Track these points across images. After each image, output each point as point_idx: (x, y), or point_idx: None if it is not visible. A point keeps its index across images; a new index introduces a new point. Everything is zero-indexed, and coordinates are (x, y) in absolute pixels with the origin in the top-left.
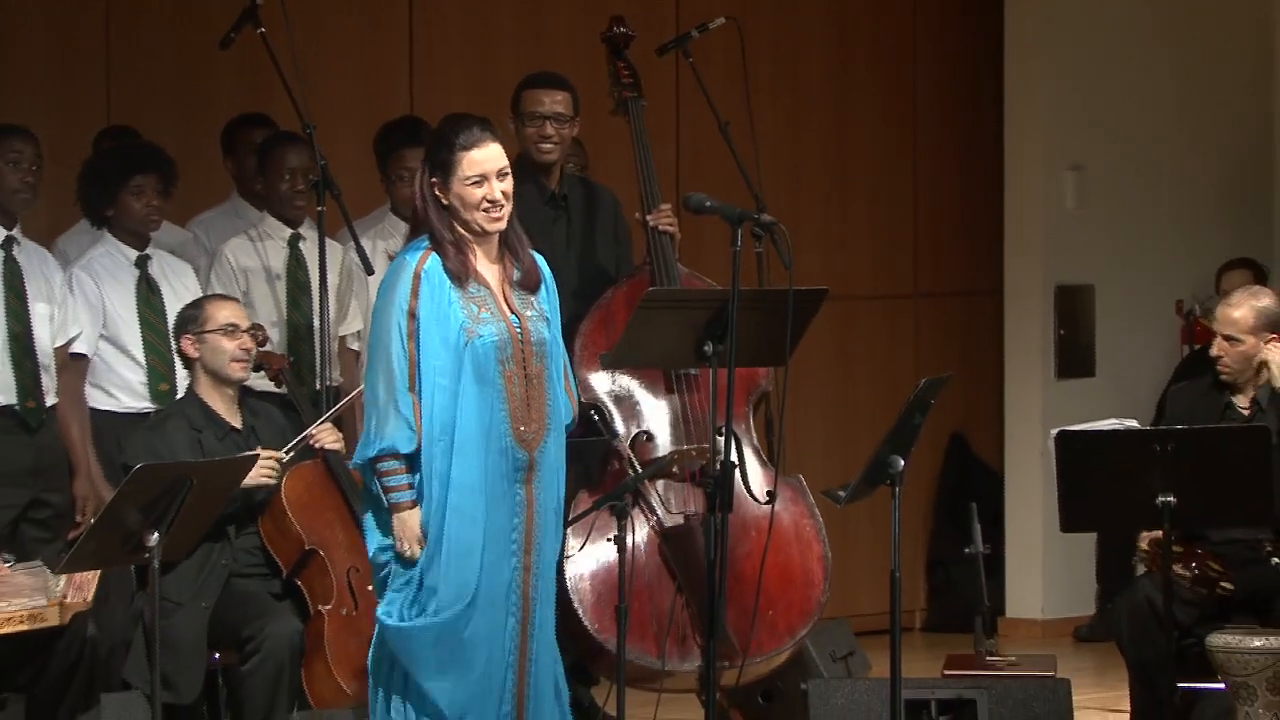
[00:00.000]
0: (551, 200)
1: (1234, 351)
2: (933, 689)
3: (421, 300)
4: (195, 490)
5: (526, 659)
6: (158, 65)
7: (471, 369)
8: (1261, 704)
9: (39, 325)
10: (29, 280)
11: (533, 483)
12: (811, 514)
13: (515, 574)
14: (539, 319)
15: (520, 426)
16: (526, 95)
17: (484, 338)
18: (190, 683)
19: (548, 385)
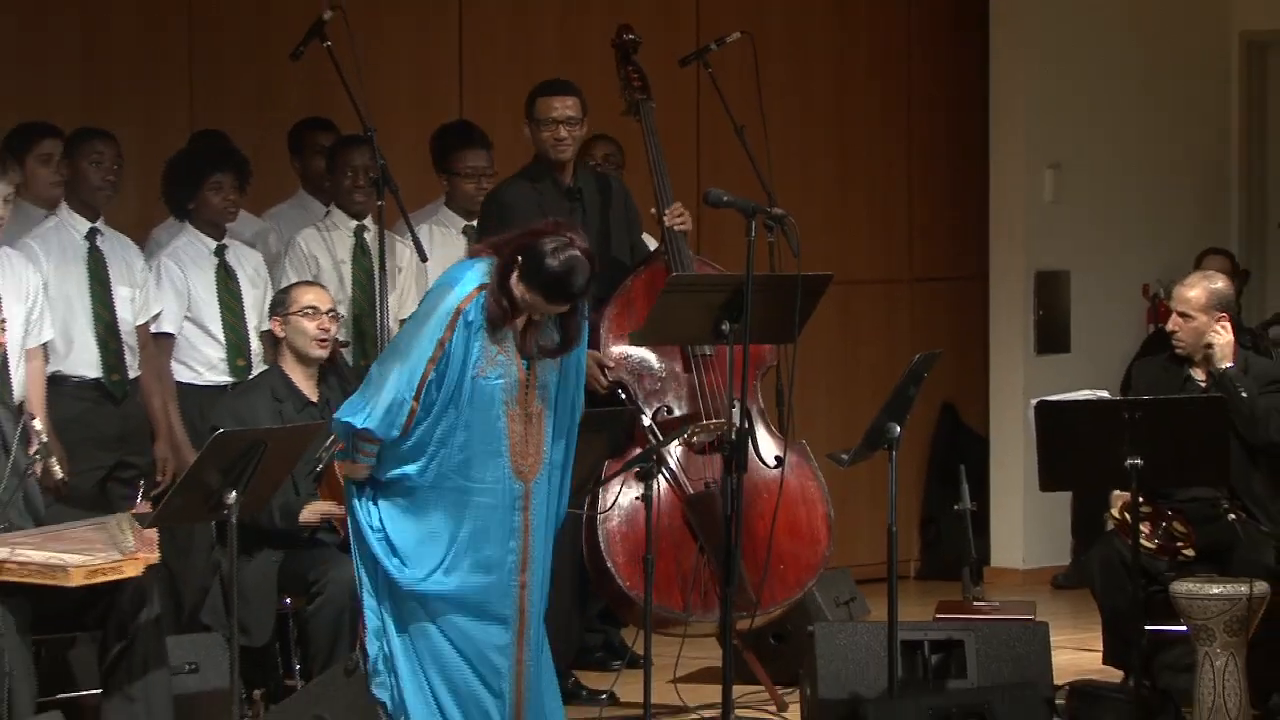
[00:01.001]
0: (568, 193)
1: (1187, 327)
2: (925, 631)
3: (454, 335)
4: (269, 454)
5: (524, 666)
6: (235, 75)
7: (476, 402)
8: (1219, 644)
9: (121, 306)
10: (112, 266)
11: (529, 510)
12: (816, 476)
13: (513, 590)
14: (550, 369)
15: (518, 460)
16: (540, 102)
17: (490, 379)
18: (262, 627)
19: (546, 423)
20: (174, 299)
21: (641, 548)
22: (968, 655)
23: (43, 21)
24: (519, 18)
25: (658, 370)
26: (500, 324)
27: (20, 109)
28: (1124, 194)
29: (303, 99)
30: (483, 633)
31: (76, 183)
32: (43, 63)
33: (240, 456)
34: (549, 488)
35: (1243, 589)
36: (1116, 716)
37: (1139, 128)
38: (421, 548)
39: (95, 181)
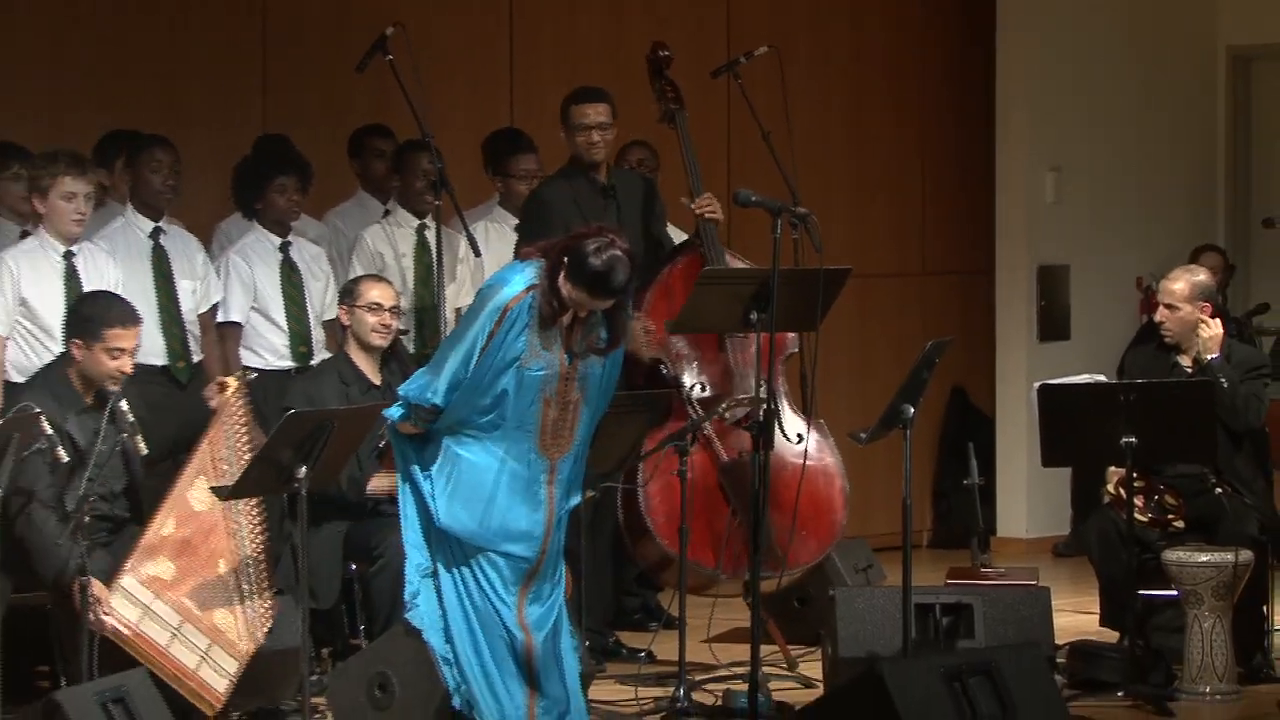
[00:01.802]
0: (602, 190)
1: (1174, 318)
2: (937, 595)
3: (500, 329)
4: (336, 432)
5: (523, 614)
6: (305, 84)
7: (516, 387)
8: (1207, 608)
9: (184, 298)
10: (174, 261)
11: (554, 484)
12: (834, 453)
13: (533, 556)
14: (593, 363)
15: (546, 440)
16: (574, 109)
17: (532, 370)
18: (328, 590)
19: (582, 411)
20: (240, 291)
21: (677, 513)
22: (976, 618)
23: (124, 37)
24: (564, 33)
25: (694, 351)
26: (550, 322)
27: (106, 117)
28: (1119, 194)
29: (367, 107)
30: (500, 580)
31: (140, 187)
32: (125, 74)
33: (310, 434)
34: (574, 466)
35: (1229, 557)
36: (1113, 674)
37: (1133, 134)
38: (464, 504)
39: (156, 186)
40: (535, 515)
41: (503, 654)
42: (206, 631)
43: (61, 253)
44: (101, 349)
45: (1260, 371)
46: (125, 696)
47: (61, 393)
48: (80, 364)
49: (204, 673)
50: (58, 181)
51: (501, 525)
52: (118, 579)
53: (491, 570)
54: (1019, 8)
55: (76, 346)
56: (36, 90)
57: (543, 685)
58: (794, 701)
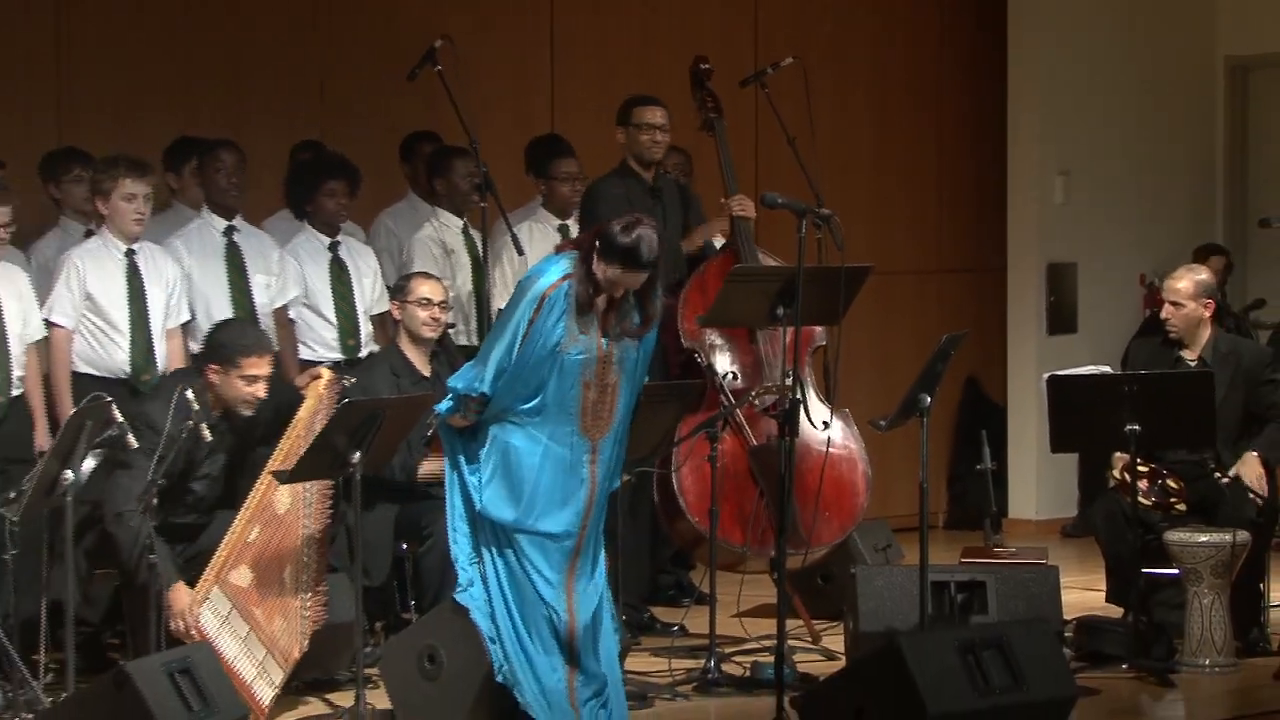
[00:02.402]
0: (651, 191)
1: (1178, 314)
2: (952, 573)
3: (540, 316)
4: (388, 420)
5: (572, 597)
6: (360, 92)
7: (557, 372)
8: (1206, 585)
9: (258, 293)
10: (248, 257)
11: (596, 463)
12: (856, 439)
13: (575, 533)
14: (629, 345)
15: (587, 421)
16: (637, 111)
17: (572, 354)
18: (380, 568)
19: (620, 393)
20: (295, 288)
21: (709, 494)
22: (989, 594)
23: (190, 47)
24: (600, 46)
25: (727, 343)
26: (587, 307)
27: (172, 123)
28: (1124, 196)
29: (416, 114)
30: (545, 561)
31: (208, 188)
32: (190, 82)
33: (363, 422)
34: (616, 447)
35: (1227, 538)
36: (1117, 647)
37: (1137, 140)
38: (508, 490)
39: (221, 184)
40: (578, 494)
41: (545, 633)
42: (265, 641)
43: (123, 251)
44: (238, 375)
45: (1270, 369)
46: (191, 668)
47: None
48: (217, 387)
49: (256, 685)
50: (119, 184)
51: (545, 507)
52: (205, 587)
53: (536, 552)
54: (1030, 22)
55: (214, 372)
56: (105, 98)
57: (582, 662)
58: (818, 673)
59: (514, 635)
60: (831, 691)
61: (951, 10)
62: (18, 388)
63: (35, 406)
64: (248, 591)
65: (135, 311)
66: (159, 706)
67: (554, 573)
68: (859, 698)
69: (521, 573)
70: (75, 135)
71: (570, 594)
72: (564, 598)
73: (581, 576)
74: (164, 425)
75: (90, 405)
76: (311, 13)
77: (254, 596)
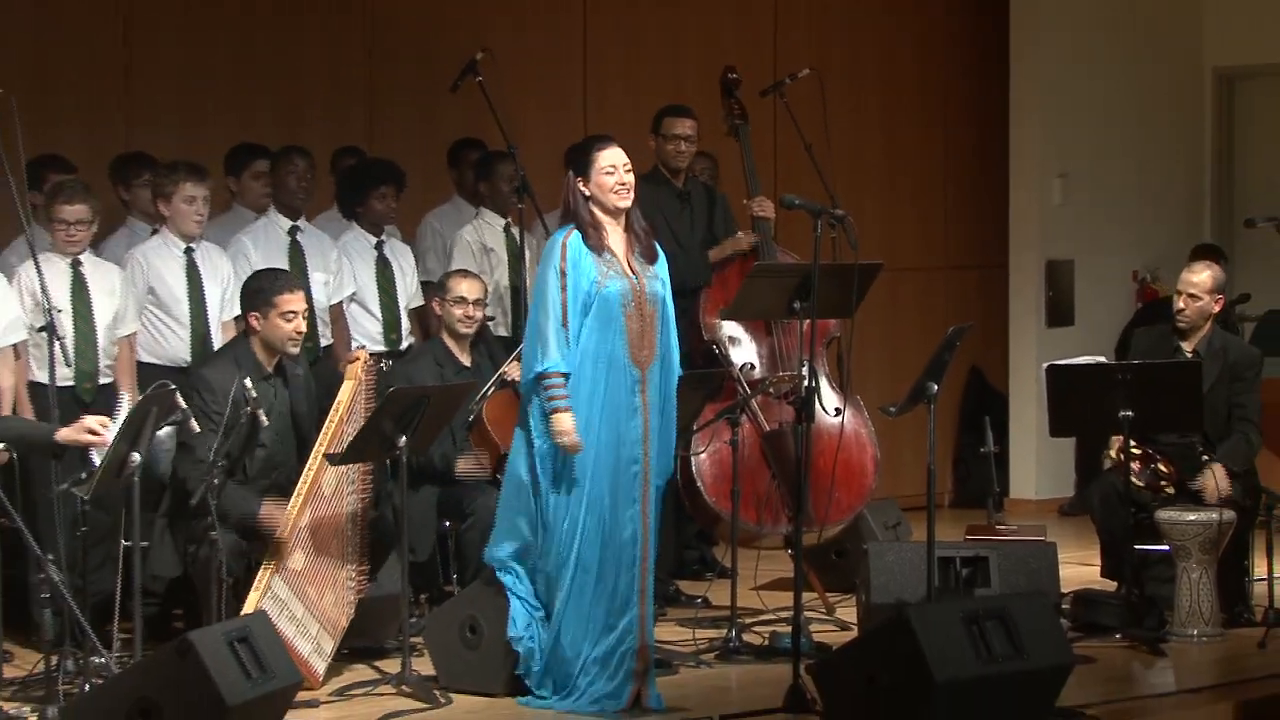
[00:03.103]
0: (680, 196)
1: (1193, 306)
2: (957, 549)
3: (568, 262)
4: (432, 407)
5: (647, 528)
6: (405, 102)
7: (598, 311)
8: (1195, 561)
9: (316, 289)
10: (309, 256)
11: (646, 393)
12: (867, 424)
13: (638, 466)
14: (654, 279)
15: (635, 351)
16: (666, 121)
17: (609, 289)
18: (425, 545)
19: (659, 324)
20: (347, 285)
21: (727, 473)
22: (991, 569)
23: (248, 59)
24: (631, 57)
25: (745, 335)
26: (599, 243)
27: (232, 130)
28: (1118, 198)
29: (459, 121)
30: (613, 501)
31: (278, 189)
32: (249, 92)
33: (409, 409)
34: (664, 378)
35: (1214, 516)
36: (1111, 619)
37: (1130, 145)
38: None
39: (291, 187)
40: (632, 422)
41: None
42: (318, 617)
43: (183, 249)
44: (277, 315)
45: (1253, 371)
46: (249, 636)
47: (246, 362)
48: (261, 333)
49: (312, 659)
50: (179, 187)
51: (606, 436)
52: (265, 577)
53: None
54: (1031, 35)
55: (255, 319)
56: (170, 107)
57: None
58: (832, 642)
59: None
60: (845, 660)
61: (957, 23)
62: (106, 376)
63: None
64: (302, 573)
65: (194, 305)
66: (219, 673)
67: (629, 503)
68: (870, 666)
69: (610, 520)
70: (141, 141)
71: (645, 517)
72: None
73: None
74: (219, 385)
75: (156, 392)
76: (362, 28)
77: (308, 576)
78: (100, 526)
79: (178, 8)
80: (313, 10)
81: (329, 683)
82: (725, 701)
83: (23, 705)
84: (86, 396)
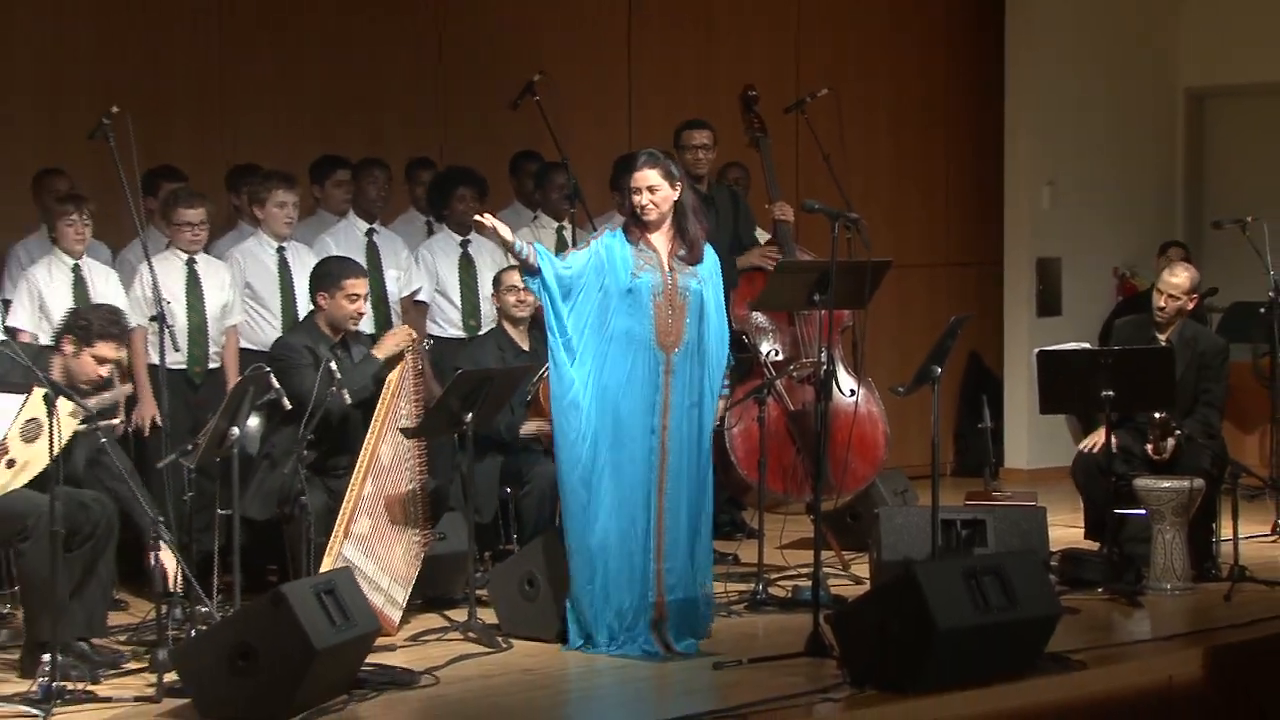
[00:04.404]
0: (705, 200)
1: (1173, 305)
2: (958, 513)
3: (601, 243)
4: (494, 386)
5: (663, 493)
6: (471, 118)
7: (632, 296)
8: (1168, 523)
9: (389, 282)
10: (383, 254)
11: (670, 374)
12: (878, 403)
13: (654, 433)
14: (690, 277)
15: (661, 336)
16: (684, 134)
17: (642, 279)
18: (488, 508)
19: (687, 315)
20: (427, 278)
21: (756, 447)
22: (988, 530)
23: (335, 79)
24: (670, 77)
25: (770, 325)
26: (635, 238)
27: (320, 144)
28: (1100, 202)
29: (519, 135)
30: (630, 457)
31: (359, 196)
32: (336, 109)
33: (475, 388)
34: (688, 361)
35: (1185, 484)
36: (1094, 574)
37: (1111, 155)
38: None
39: (371, 195)
40: (655, 397)
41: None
42: (388, 570)
43: (275, 247)
44: (343, 296)
45: (1219, 360)
46: (334, 588)
47: (316, 335)
48: (327, 311)
49: (387, 609)
50: (272, 194)
51: (627, 405)
52: (337, 542)
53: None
54: (1024, 56)
55: (323, 298)
56: (265, 123)
57: (668, 554)
58: (847, 595)
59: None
60: (859, 610)
61: (959, 47)
62: (214, 362)
63: (231, 378)
64: (369, 536)
65: (285, 297)
66: (308, 621)
67: (650, 469)
68: (881, 615)
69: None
70: (241, 154)
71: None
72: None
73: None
74: (296, 343)
75: (253, 374)
76: (434, 53)
77: (375, 537)
78: (204, 493)
79: (272, 39)
80: (390, 38)
81: (404, 629)
82: (753, 647)
83: (137, 647)
84: (197, 379)
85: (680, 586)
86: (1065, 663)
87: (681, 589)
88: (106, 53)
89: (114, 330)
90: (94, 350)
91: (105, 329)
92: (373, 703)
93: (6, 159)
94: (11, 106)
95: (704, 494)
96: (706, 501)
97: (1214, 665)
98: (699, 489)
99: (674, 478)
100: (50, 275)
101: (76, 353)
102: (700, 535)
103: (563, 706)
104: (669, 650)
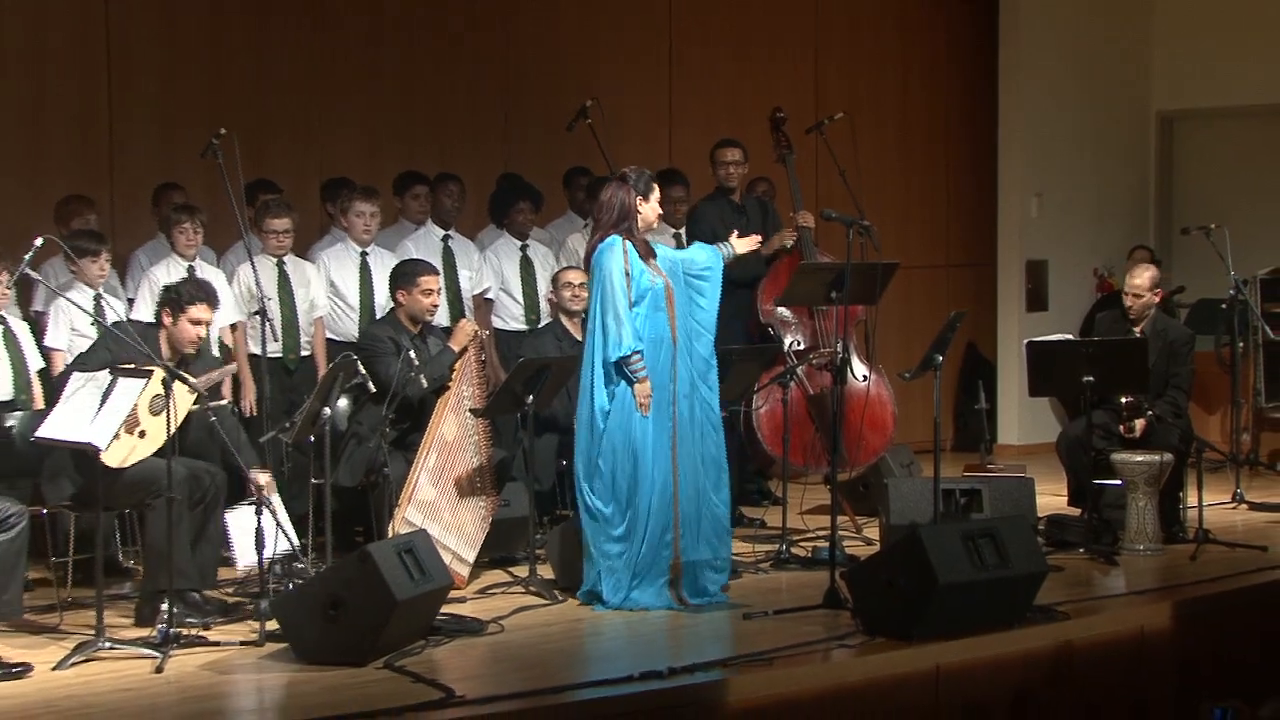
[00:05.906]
0: (737, 209)
1: (1139, 303)
2: (957, 484)
3: (630, 262)
4: (551, 373)
5: (677, 473)
6: (531, 137)
7: (652, 301)
8: (1141, 492)
9: (463, 281)
10: (458, 258)
11: (676, 355)
12: (888, 387)
13: (668, 404)
14: (676, 282)
15: (672, 329)
16: (717, 151)
17: (658, 287)
18: (547, 478)
19: (676, 308)
20: (493, 278)
21: (779, 425)
22: (984, 498)
23: (412, 100)
24: (706, 99)
25: (793, 318)
26: (644, 250)
27: (402, 159)
28: (1081, 211)
29: (574, 152)
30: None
31: (436, 207)
32: (415, 127)
33: (535, 374)
34: (686, 342)
35: (1156, 458)
36: (1076, 537)
37: (1092, 170)
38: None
39: (446, 206)
40: (670, 381)
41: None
42: (455, 532)
43: (358, 253)
44: (419, 291)
45: (1186, 349)
46: (413, 548)
47: (398, 328)
48: (405, 306)
49: (455, 565)
50: (354, 205)
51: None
52: (403, 507)
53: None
54: (1016, 80)
55: (402, 294)
56: (352, 139)
57: (684, 522)
58: (860, 554)
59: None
60: (870, 567)
61: (957, 74)
62: (305, 350)
63: (321, 365)
64: (434, 503)
65: (364, 295)
66: (391, 576)
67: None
68: (890, 572)
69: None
70: (330, 169)
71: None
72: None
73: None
74: (379, 334)
75: (343, 361)
76: (501, 81)
77: (441, 503)
78: (299, 465)
79: (357, 69)
80: (461, 67)
81: (473, 583)
82: (777, 600)
83: (242, 598)
84: (291, 365)
85: (692, 549)
86: (1051, 614)
87: (693, 551)
88: (216, 80)
89: (201, 295)
90: (188, 315)
91: (194, 295)
92: (446, 647)
93: (127, 176)
94: (133, 128)
95: (713, 469)
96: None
97: (1181, 617)
98: (710, 464)
99: (685, 451)
100: (168, 275)
101: (175, 321)
102: (709, 501)
103: (613, 649)
104: (683, 604)
